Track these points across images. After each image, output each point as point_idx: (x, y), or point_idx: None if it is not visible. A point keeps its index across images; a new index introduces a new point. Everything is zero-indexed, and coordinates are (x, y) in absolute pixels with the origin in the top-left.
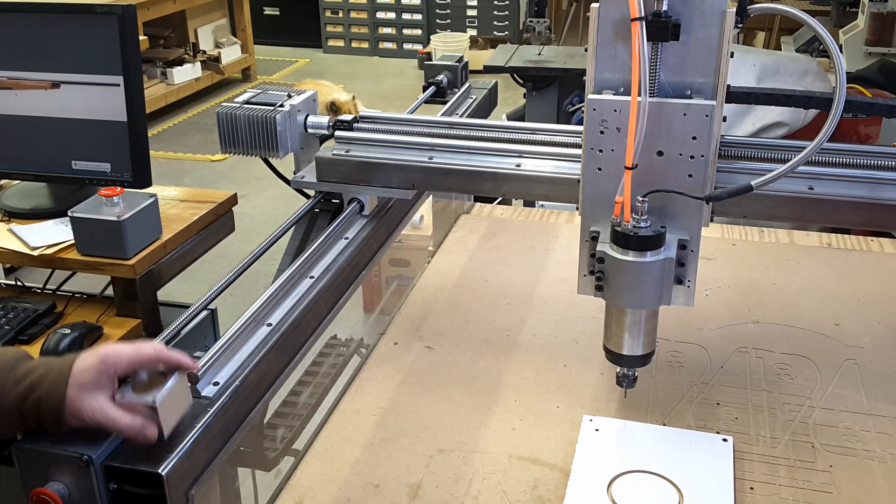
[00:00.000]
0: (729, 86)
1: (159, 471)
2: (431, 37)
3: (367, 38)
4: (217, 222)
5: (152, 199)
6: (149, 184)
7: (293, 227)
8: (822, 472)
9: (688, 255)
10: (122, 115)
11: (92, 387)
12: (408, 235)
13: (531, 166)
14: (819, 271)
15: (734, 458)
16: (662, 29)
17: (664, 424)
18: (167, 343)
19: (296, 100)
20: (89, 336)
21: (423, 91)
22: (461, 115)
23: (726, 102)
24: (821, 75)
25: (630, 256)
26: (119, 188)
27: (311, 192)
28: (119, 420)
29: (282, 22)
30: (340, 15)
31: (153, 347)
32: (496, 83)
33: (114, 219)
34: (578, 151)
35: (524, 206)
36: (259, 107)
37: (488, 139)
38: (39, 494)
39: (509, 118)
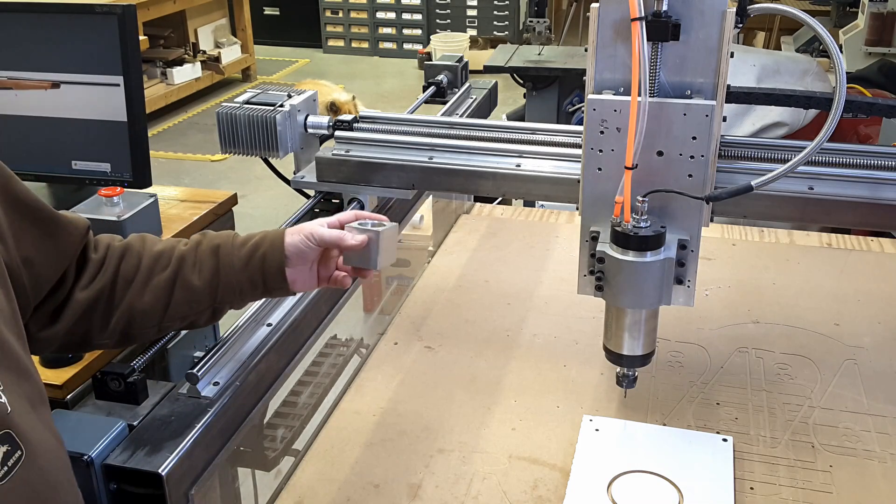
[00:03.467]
0: (729, 86)
1: (159, 471)
2: (431, 37)
3: (367, 38)
4: (217, 222)
5: (152, 199)
6: (149, 184)
7: None
8: (822, 472)
9: (688, 255)
10: (122, 115)
11: (307, 224)
12: (408, 235)
13: (531, 166)
14: (819, 271)
15: (734, 458)
16: (662, 29)
17: (664, 424)
18: (167, 342)
19: (296, 100)
20: None
21: (423, 91)
22: (461, 115)
23: (726, 102)
24: (821, 75)
25: (630, 256)
26: (119, 188)
27: (311, 192)
28: (335, 235)
29: (282, 22)
30: (340, 15)
31: (351, 212)
32: (496, 83)
33: (114, 219)
34: (578, 151)
35: (524, 206)
36: (259, 107)
37: (488, 139)
38: None
39: (509, 118)
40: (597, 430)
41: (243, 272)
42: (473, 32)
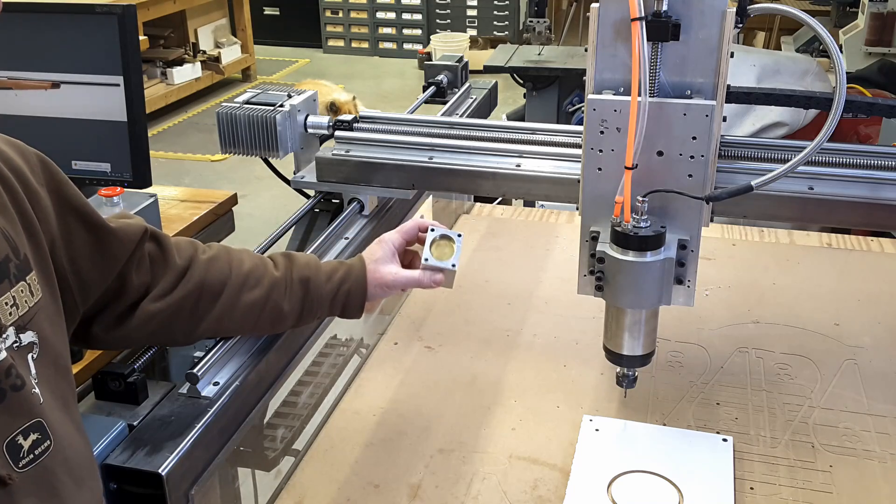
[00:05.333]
0: (729, 86)
1: (159, 471)
2: (431, 37)
3: (367, 38)
4: (217, 222)
5: (152, 199)
6: (149, 184)
7: (293, 227)
8: (822, 472)
9: (688, 255)
10: (122, 115)
11: (383, 261)
12: None
13: (531, 166)
14: (819, 271)
15: (734, 458)
16: (662, 29)
17: (664, 424)
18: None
19: (296, 100)
20: None
21: (423, 91)
22: (461, 115)
23: (726, 102)
24: (821, 75)
25: (630, 256)
26: (119, 188)
27: (311, 192)
28: (413, 279)
29: (282, 22)
30: (340, 15)
31: (412, 221)
32: (496, 83)
33: None
34: (578, 151)
35: (524, 206)
36: (259, 107)
37: (488, 139)
38: None
39: (509, 118)
40: (597, 430)
41: (328, 304)
42: (473, 32)
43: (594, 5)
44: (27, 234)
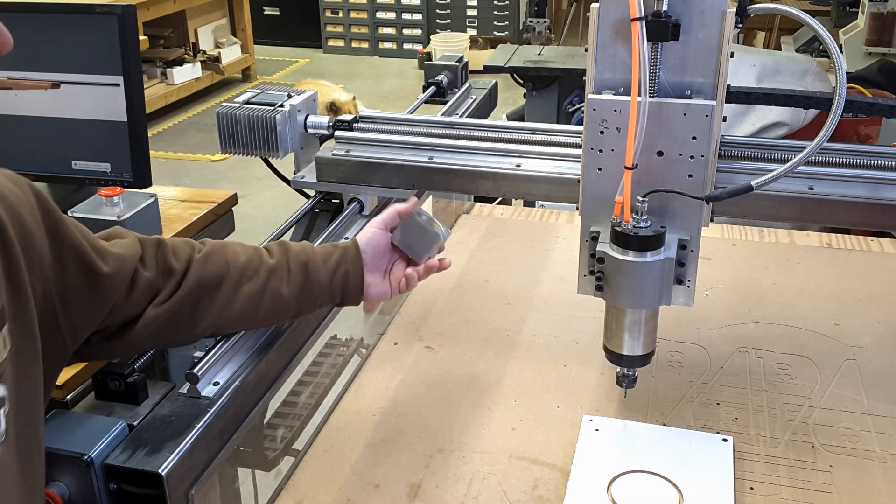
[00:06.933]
0: (729, 86)
1: (159, 471)
2: (431, 37)
3: (367, 38)
4: (217, 222)
5: (152, 199)
6: (149, 184)
7: (293, 227)
8: (822, 472)
9: (688, 255)
10: (122, 115)
11: (372, 269)
12: None
13: (531, 166)
14: (819, 271)
15: (734, 458)
16: (662, 29)
17: (664, 424)
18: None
19: (296, 100)
20: None
21: (423, 91)
22: (461, 115)
23: (726, 102)
24: (821, 75)
25: (630, 256)
26: (119, 188)
27: (311, 192)
28: (389, 210)
29: (282, 22)
30: (340, 15)
31: (391, 209)
32: (496, 83)
33: (114, 219)
34: (578, 151)
35: (524, 206)
36: (259, 107)
37: (488, 139)
38: None
39: (509, 118)
40: (597, 430)
41: (327, 288)
42: (473, 32)
43: (594, 5)
44: (7, 282)
